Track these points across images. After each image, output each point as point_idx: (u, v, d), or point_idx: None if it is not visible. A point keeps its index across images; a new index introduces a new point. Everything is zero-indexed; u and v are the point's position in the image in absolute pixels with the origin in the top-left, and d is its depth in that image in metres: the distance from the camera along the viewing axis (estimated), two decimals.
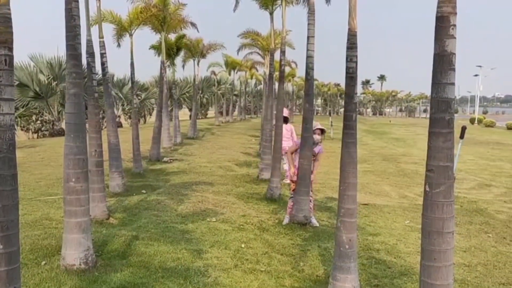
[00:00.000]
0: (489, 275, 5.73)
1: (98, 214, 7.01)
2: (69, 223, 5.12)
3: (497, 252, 6.65)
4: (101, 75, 9.20)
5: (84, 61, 6.01)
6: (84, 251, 5.10)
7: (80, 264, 5.04)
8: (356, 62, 4.79)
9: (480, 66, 63.89)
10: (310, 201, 7.57)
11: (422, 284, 3.42)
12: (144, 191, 9.41)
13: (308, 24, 7.09)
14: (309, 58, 7.09)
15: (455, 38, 2.98)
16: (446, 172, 3.08)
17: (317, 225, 7.51)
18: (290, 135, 11.19)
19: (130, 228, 6.76)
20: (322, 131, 7.46)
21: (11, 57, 3.06)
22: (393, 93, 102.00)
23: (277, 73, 14.07)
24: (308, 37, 7.09)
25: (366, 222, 7.99)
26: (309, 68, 7.12)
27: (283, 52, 9.32)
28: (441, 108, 3.07)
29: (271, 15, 10.82)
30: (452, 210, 3.09)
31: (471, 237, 7.39)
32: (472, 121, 57.49)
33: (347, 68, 4.78)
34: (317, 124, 7.49)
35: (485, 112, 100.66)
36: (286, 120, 11.05)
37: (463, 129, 10.27)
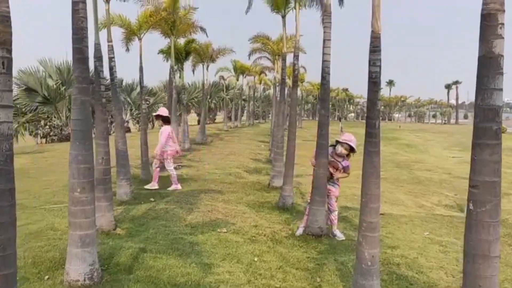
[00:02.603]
0: None
1: (105, 225, 6.73)
2: (73, 236, 4.85)
3: None
4: (109, 80, 8.94)
5: (91, 65, 5.77)
6: (89, 266, 4.81)
7: (84, 280, 4.76)
8: (380, 66, 4.49)
9: None
10: (331, 211, 7.23)
11: None
12: (152, 199, 9.13)
13: (324, 27, 6.80)
14: (325, 62, 6.79)
15: (503, 38, 2.66)
16: (492, 188, 2.77)
17: (343, 238, 7.17)
18: (169, 137, 10.53)
19: (137, 239, 6.47)
20: (352, 149, 6.95)
21: (10, 60, 2.80)
22: (402, 99, 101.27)
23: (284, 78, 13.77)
24: (324, 40, 6.79)
25: (384, 234, 7.63)
26: (325, 73, 6.82)
27: (296, 57, 9.03)
28: (487, 117, 2.76)
29: (283, 18, 10.54)
30: (498, 231, 2.77)
31: None
32: None
33: (370, 72, 4.48)
34: (350, 139, 6.95)
35: None
36: (168, 120, 10.67)
37: None
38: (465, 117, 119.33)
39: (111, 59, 8.54)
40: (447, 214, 9.54)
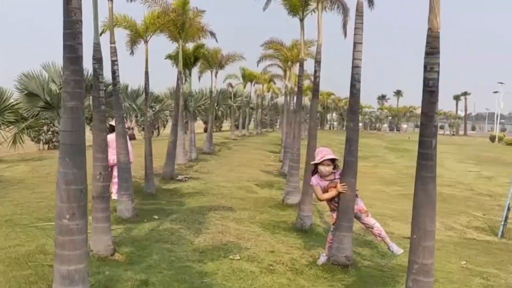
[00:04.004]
0: None
1: (101, 249, 5.90)
2: (60, 271, 4.01)
3: None
4: (111, 85, 8.15)
5: (89, 67, 4.98)
6: None
7: None
8: (438, 72, 3.65)
9: (501, 83, 62.28)
10: (371, 227, 6.23)
11: None
12: (156, 217, 8.30)
13: (355, 28, 5.97)
14: (356, 68, 5.96)
15: None
16: None
17: (401, 251, 6.02)
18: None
19: (138, 268, 5.62)
20: (333, 161, 5.93)
21: None
22: (411, 109, 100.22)
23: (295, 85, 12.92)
24: (354, 44, 5.96)
25: None
26: (355, 80, 5.98)
27: (318, 62, 8.18)
28: None
29: (301, 21, 9.73)
30: None
31: None
32: (492, 139, 55.75)
33: (426, 79, 3.65)
34: (323, 154, 5.90)
35: (503, 130, 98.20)
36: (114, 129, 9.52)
37: None
38: (473, 128, 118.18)
39: (113, 62, 7.75)
40: (481, 239, 8.66)
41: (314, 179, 6.07)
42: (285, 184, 10.71)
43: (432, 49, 3.62)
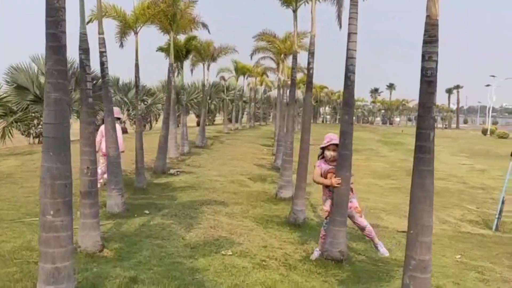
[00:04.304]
0: None
1: (90, 246, 5.74)
2: (44, 269, 3.86)
3: None
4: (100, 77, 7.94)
5: (76, 57, 4.80)
6: None
7: None
8: (437, 62, 3.52)
9: (493, 76, 62.46)
10: (362, 229, 6.22)
11: None
12: (147, 212, 8.15)
13: (350, 18, 5.82)
14: (350, 59, 5.81)
15: None
16: None
17: (387, 254, 6.15)
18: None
19: (127, 264, 5.47)
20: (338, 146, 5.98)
21: None
22: (404, 102, 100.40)
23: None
24: (349, 34, 5.82)
25: None
26: (349, 72, 5.84)
27: (311, 54, 8.02)
28: None
29: (294, 12, 9.58)
30: None
31: None
32: (484, 132, 55.97)
33: (424, 69, 3.52)
34: (330, 138, 6.03)
35: (495, 123, 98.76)
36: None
37: None
38: (465, 121, 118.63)
39: (102, 54, 7.55)
40: (475, 232, 8.60)
41: (318, 161, 6.18)
42: (278, 178, 10.59)
43: (430, 38, 3.49)
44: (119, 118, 10.62)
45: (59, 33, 3.74)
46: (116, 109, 10.38)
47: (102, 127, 9.97)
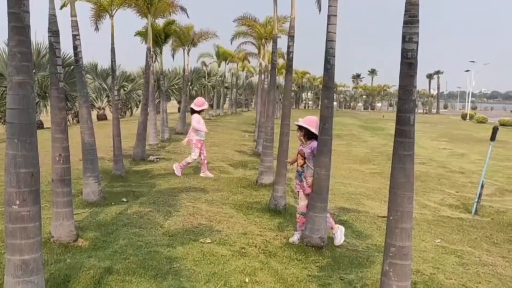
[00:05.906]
0: None
1: (63, 235, 5.57)
2: (11, 261, 3.68)
3: None
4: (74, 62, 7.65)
5: (45, 40, 4.56)
6: None
7: None
8: (417, 43, 3.41)
9: (473, 62, 63.10)
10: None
11: None
12: (124, 199, 7.97)
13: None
14: (330, 42, 5.67)
15: None
16: None
17: (340, 242, 6.26)
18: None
19: (102, 254, 5.31)
20: (300, 128, 6.14)
21: None
22: (385, 88, 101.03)
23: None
24: (328, 16, 5.67)
25: None
26: (329, 55, 5.71)
27: (291, 37, 7.86)
28: None
29: None
30: None
31: None
32: (463, 116, 56.78)
33: (405, 51, 3.41)
34: (304, 120, 6.16)
35: (474, 108, 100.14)
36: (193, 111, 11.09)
37: (495, 130, 8.98)
38: (445, 107, 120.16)
39: (75, 37, 7.27)
40: (454, 216, 8.63)
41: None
42: (259, 164, 10.48)
43: (411, 18, 3.37)
44: (202, 110, 11.28)
45: (22, 12, 3.51)
46: (199, 100, 11.36)
47: (195, 117, 11.05)
